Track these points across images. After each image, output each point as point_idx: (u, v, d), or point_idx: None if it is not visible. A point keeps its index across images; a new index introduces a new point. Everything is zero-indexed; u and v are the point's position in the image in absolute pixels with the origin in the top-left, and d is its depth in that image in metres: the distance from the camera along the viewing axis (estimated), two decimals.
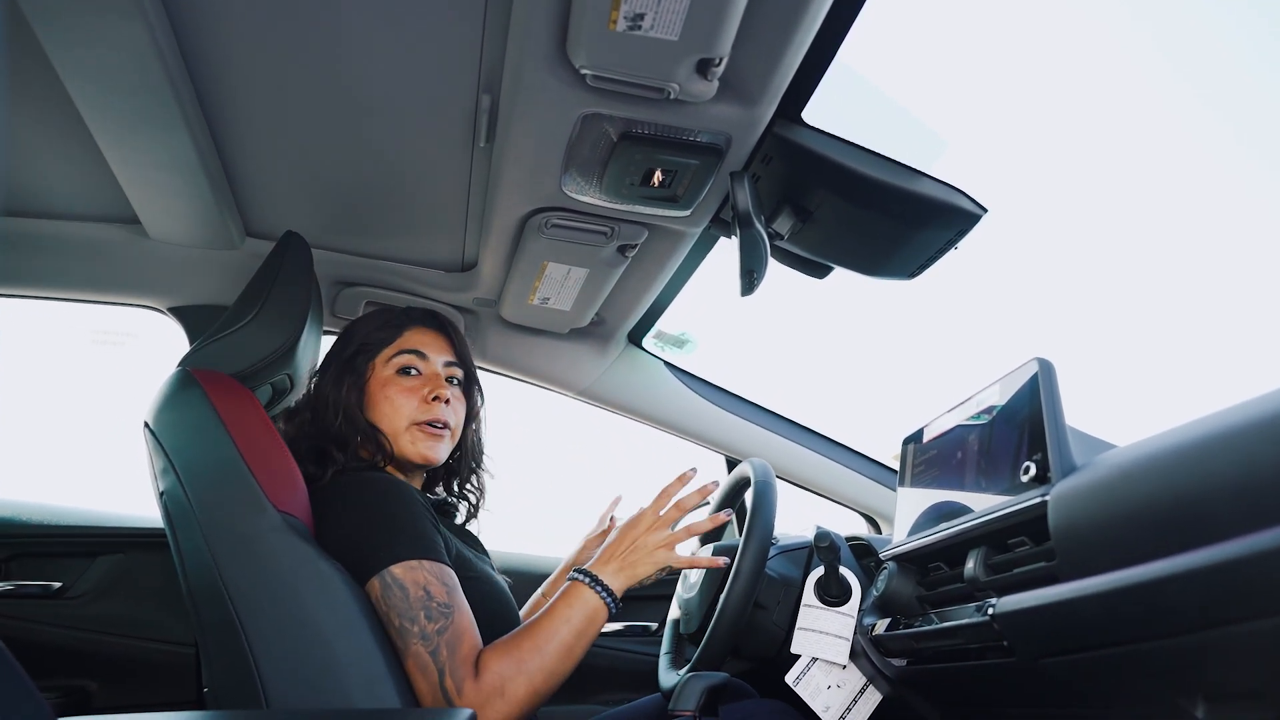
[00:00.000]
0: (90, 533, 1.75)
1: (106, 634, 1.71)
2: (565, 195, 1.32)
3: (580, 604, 1.16)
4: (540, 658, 1.09)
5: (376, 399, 1.33)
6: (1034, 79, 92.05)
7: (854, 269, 1.42)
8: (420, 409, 1.33)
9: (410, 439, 1.32)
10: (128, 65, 1.10)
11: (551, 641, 1.11)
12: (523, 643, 1.10)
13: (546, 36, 1.01)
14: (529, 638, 1.11)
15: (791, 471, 2.10)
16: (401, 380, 1.35)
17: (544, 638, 1.11)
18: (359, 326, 1.41)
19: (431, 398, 1.34)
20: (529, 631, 1.12)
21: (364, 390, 1.34)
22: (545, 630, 1.12)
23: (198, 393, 1.16)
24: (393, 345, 1.37)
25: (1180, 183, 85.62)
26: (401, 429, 1.32)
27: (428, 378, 1.37)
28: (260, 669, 1.04)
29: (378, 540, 1.13)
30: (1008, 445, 1.00)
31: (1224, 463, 0.64)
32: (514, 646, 1.10)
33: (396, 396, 1.33)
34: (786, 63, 1.04)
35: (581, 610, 1.15)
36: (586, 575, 1.19)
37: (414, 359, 1.37)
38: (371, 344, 1.37)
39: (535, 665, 1.08)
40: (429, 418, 1.33)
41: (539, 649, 1.10)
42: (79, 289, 1.71)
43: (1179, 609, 0.67)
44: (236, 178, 1.44)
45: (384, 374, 1.35)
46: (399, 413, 1.32)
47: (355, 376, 1.34)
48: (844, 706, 1.31)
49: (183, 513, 1.11)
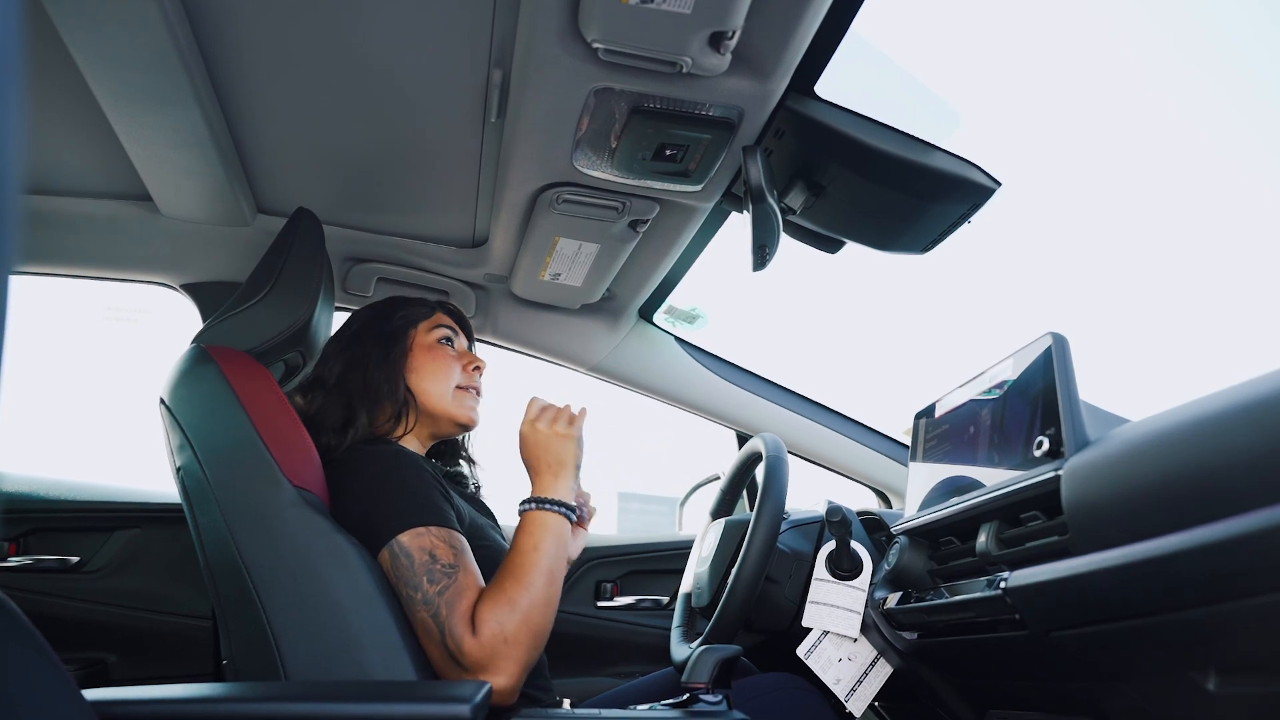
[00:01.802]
0: (107, 508, 1.77)
1: (124, 607, 1.73)
2: (577, 170, 1.32)
3: (540, 527, 1.16)
4: (528, 592, 1.09)
5: (421, 362, 1.39)
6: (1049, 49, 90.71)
7: (866, 244, 1.42)
8: (464, 376, 1.41)
9: (457, 400, 1.39)
10: (140, 43, 1.10)
11: (531, 572, 1.11)
12: (505, 584, 1.10)
13: (558, 10, 1.00)
14: (509, 577, 1.10)
15: (803, 446, 2.10)
16: (445, 349, 1.41)
17: (523, 571, 1.11)
18: (386, 305, 1.45)
19: (473, 368, 1.43)
20: (507, 571, 1.11)
21: (407, 355, 1.39)
22: (521, 564, 1.11)
23: (213, 369, 1.17)
24: (431, 319, 1.44)
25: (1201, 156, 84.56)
26: (448, 391, 1.38)
27: (462, 352, 1.45)
28: (278, 642, 1.06)
29: (386, 511, 1.14)
30: (1021, 420, 1.00)
31: (1239, 437, 0.64)
32: (499, 590, 1.09)
33: (443, 361, 1.40)
34: (800, 35, 1.03)
35: (543, 532, 1.15)
36: (530, 501, 1.20)
37: (451, 333, 1.44)
38: (412, 315, 1.43)
39: (526, 600, 1.08)
40: (471, 384, 1.42)
41: (523, 583, 1.09)
42: (92, 266, 1.73)
43: (1192, 583, 0.68)
44: (248, 155, 1.44)
45: (427, 340, 1.41)
46: (446, 376, 1.39)
47: (399, 343, 1.39)
48: (855, 679, 1.32)
49: (199, 488, 1.12)
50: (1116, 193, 76.27)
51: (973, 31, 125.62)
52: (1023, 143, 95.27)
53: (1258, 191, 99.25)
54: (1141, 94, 72.94)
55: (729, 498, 1.70)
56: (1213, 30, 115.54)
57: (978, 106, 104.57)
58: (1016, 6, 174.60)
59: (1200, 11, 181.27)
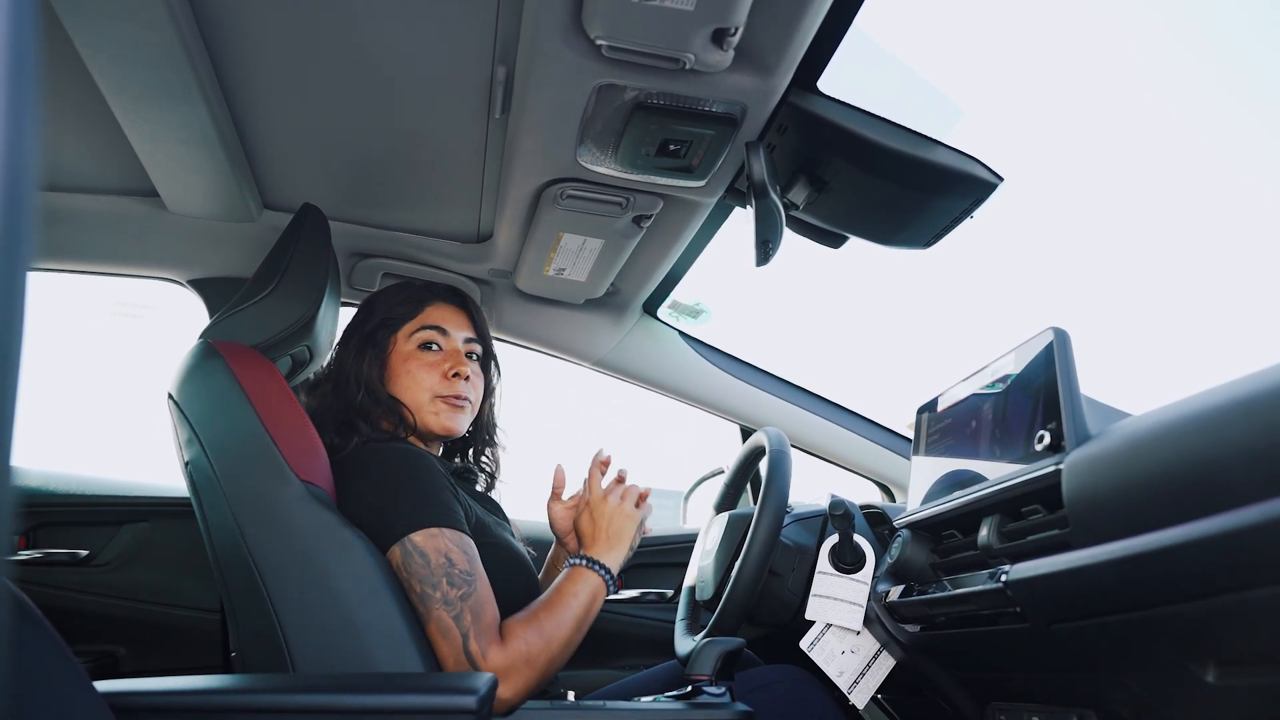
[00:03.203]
0: (115, 502, 1.78)
1: (133, 601, 1.74)
2: (580, 166, 1.32)
3: (584, 583, 1.23)
4: (560, 630, 1.16)
5: (398, 372, 1.36)
6: (1051, 45, 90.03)
7: (869, 238, 1.42)
8: (442, 384, 1.36)
9: (433, 410, 1.36)
10: (145, 39, 1.11)
11: (567, 615, 1.18)
12: (543, 616, 1.16)
13: (562, 7, 1.00)
14: (548, 611, 1.18)
15: (806, 440, 2.11)
16: (423, 355, 1.37)
17: (560, 611, 1.18)
18: (380, 300, 1.42)
19: (452, 374, 1.37)
20: (547, 607, 1.19)
21: (385, 364, 1.37)
22: (560, 606, 1.19)
23: (220, 364, 1.18)
24: (414, 320, 1.40)
25: (1203, 150, 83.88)
26: (424, 402, 1.36)
27: (448, 354, 1.40)
28: (286, 634, 1.07)
29: (399, 508, 1.15)
30: (1022, 414, 1.00)
31: (1237, 431, 0.65)
32: (536, 619, 1.16)
33: (418, 371, 1.36)
34: (802, 32, 1.03)
35: (586, 589, 1.23)
36: (584, 559, 1.27)
37: (435, 335, 1.39)
38: (393, 318, 1.39)
39: (558, 637, 1.15)
40: (450, 393, 1.36)
41: (556, 619, 1.17)
42: (100, 261, 1.74)
43: (1191, 575, 0.68)
44: (253, 151, 1.45)
45: (405, 349, 1.38)
46: (420, 386, 1.36)
47: (376, 350, 1.37)
48: (858, 672, 1.33)
49: (208, 483, 1.13)
50: (1118, 188, 76.27)
51: (975, 28, 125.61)
52: (1025, 138, 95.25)
53: (1258, 188, 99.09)
54: (1142, 90, 72.90)
55: (733, 491, 1.71)
56: (1216, 27, 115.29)
57: (980, 102, 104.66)
58: (1020, 2, 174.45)
59: (1204, 9, 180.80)
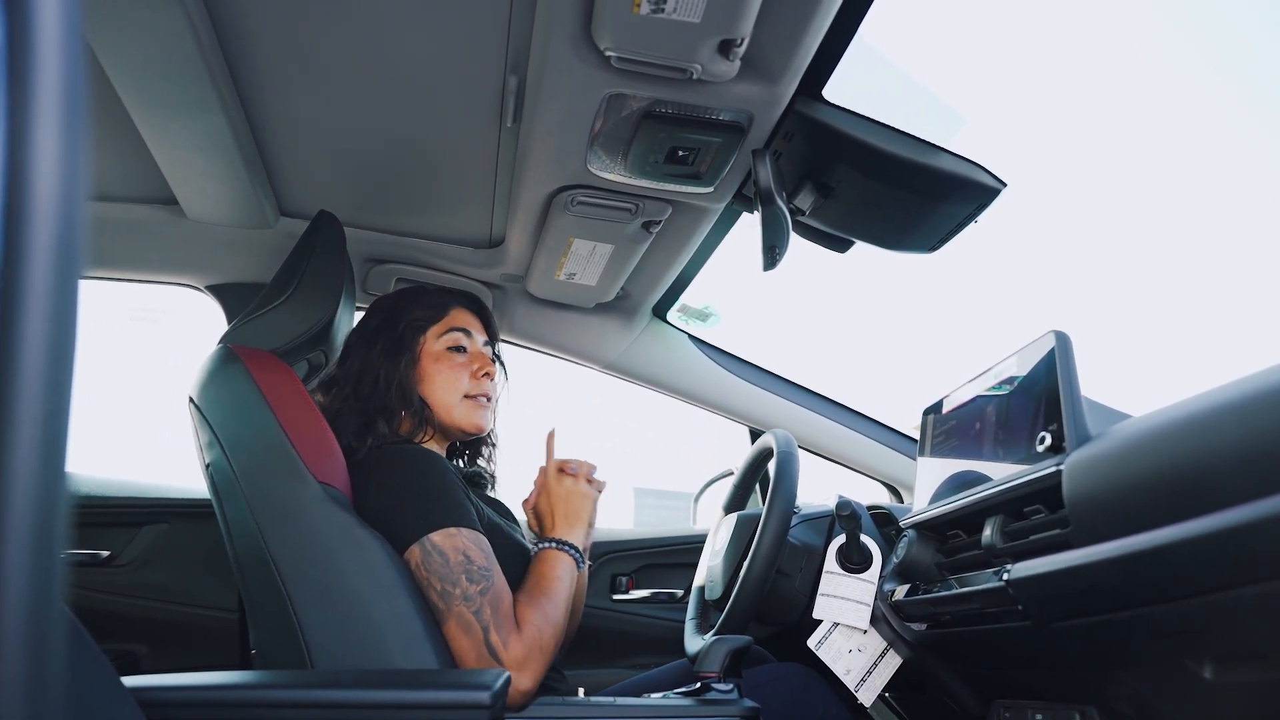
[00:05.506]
0: (136, 503, 1.81)
1: (153, 600, 1.77)
2: (590, 173, 1.34)
3: (561, 566, 1.25)
4: (556, 612, 1.18)
5: (429, 372, 1.39)
6: (1053, 53, 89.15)
7: (875, 243, 1.44)
8: (471, 384, 1.40)
9: (464, 410, 1.39)
10: (165, 50, 1.14)
11: (559, 598, 1.20)
12: (538, 596, 1.18)
13: (572, 19, 1.03)
14: (539, 590, 1.19)
15: (814, 442, 2.12)
16: (453, 356, 1.40)
17: (554, 595, 1.20)
18: (400, 303, 1.43)
19: (481, 374, 1.42)
20: (536, 586, 1.20)
21: (416, 364, 1.39)
22: (547, 587, 1.21)
23: (240, 369, 1.20)
24: (441, 323, 1.42)
25: (1203, 156, 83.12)
26: (455, 402, 1.39)
27: (474, 355, 1.43)
28: (305, 632, 1.09)
29: (417, 509, 1.17)
30: (1025, 416, 1.02)
31: (1230, 433, 0.66)
32: (534, 600, 1.17)
33: (449, 371, 1.39)
34: (807, 41, 1.05)
35: (565, 570, 1.25)
36: (552, 541, 1.28)
37: (462, 337, 1.42)
38: (421, 320, 1.41)
39: (555, 616, 1.17)
40: (479, 392, 1.41)
41: (554, 605, 1.19)
42: (120, 268, 1.77)
43: (1187, 574, 0.70)
44: (270, 159, 1.48)
45: (435, 349, 1.40)
46: (453, 386, 1.39)
47: (409, 352, 1.39)
48: (865, 670, 1.34)
49: (228, 484, 1.16)
50: (1119, 193, 75.74)
51: (977, 36, 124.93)
52: (1028, 144, 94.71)
53: (1258, 192, 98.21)
54: (1144, 95, 72.41)
55: (741, 492, 1.73)
56: (1218, 31, 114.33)
57: (983, 109, 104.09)
58: (1020, 10, 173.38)
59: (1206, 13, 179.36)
